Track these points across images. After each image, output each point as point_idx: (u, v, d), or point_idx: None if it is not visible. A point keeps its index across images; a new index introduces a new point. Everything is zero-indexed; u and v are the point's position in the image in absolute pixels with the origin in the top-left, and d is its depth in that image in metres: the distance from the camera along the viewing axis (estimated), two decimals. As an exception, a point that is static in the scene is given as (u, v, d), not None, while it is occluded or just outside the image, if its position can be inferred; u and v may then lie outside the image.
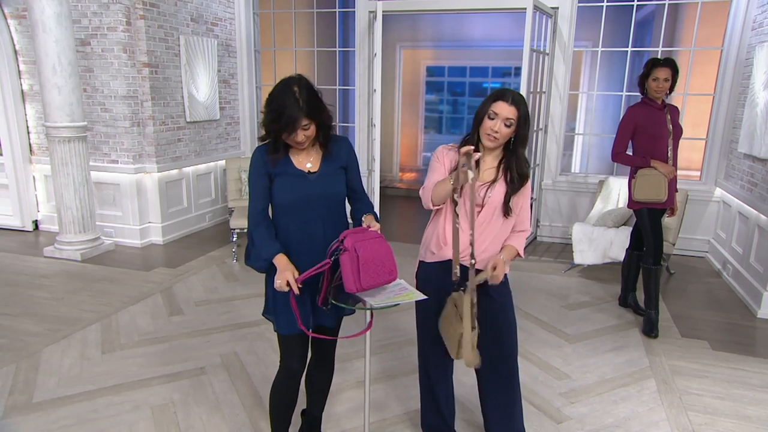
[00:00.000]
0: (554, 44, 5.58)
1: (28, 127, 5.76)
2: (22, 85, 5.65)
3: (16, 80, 5.60)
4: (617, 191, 5.23)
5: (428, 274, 2.27)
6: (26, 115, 5.73)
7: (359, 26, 6.10)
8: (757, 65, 4.55)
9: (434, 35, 9.25)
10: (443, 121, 11.80)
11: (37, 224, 6.03)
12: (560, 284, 4.70)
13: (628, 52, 5.59)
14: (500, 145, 2.13)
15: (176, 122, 5.66)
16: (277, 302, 2.10)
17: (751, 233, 4.42)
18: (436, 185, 2.09)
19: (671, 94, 3.79)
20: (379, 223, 2.11)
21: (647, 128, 3.64)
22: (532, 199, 5.69)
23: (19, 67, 5.61)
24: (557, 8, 5.46)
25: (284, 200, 2.05)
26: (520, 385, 2.35)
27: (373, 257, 1.87)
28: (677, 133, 3.68)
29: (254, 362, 3.29)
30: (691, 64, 5.40)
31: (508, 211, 2.15)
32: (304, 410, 2.53)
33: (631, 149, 3.80)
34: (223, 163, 6.29)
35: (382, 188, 6.96)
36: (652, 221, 3.71)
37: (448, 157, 2.17)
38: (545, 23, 5.50)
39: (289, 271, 1.96)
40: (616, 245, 4.56)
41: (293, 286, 1.93)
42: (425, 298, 2.00)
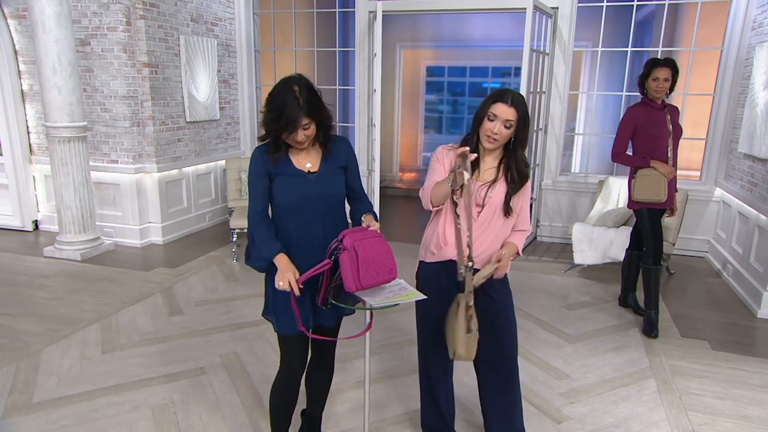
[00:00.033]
0: (554, 44, 5.58)
1: (28, 127, 5.76)
2: (22, 85, 5.65)
3: (16, 80, 5.60)
4: (617, 191, 5.23)
5: (428, 274, 2.27)
6: (26, 115, 5.73)
7: (359, 26, 6.10)
8: (757, 65, 4.55)
9: (434, 35, 9.25)
10: (443, 121, 11.80)
11: (37, 224, 6.03)
12: (560, 284, 4.70)
13: (628, 52, 5.59)
14: (500, 146, 2.13)
15: (176, 122, 5.66)
16: (277, 302, 2.09)
17: (751, 233, 4.42)
18: (435, 186, 2.09)
19: (671, 94, 3.79)
20: (378, 222, 2.11)
21: (647, 128, 3.64)
22: (532, 199, 5.69)
23: (19, 67, 5.61)
24: (557, 8, 5.46)
25: (284, 200, 2.05)
26: (520, 385, 2.35)
27: (372, 256, 1.86)
28: (677, 133, 3.68)
29: (254, 362, 3.29)
30: (691, 64, 5.40)
31: (508, 210, 2.15)
32: (304, 410, 2.53)
33: (631, 149, 3.80)
34: (223, 163, 6.29)
35: (382, 188, 6.97)
36: (651, 221, 3.71)
37: (447, 157, 2.16)
38: (545, 23, 5.50)
39: (290, 271, 1.95)
40: (616, 245, 4.56)
41: (294, 287, 1.93)
42: (425, 298, 2.00)
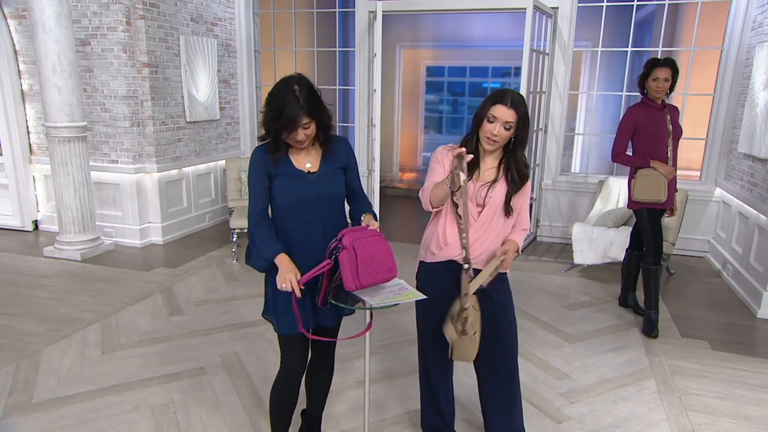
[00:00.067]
0: (554, 44, 5.58)
1: (28, 127, 5.76)
2: (22, 85, 5.65)
3: (16, 80, 5.60)
4: (617, 191, 5.23)
5: (428, 274, 2.27)
6: (26, 115, 5.73)
7: (359, 26, 6.10)
8: (757, 65, 4.55)
9: (434, 35, 9.25)
10: (443, 121, 11.80)
11: (37, 224, 6.03)
12: (560, 284, 4.70)
13: (628, 52, 5.59)
14: (500, 147, 2.13)
15: (176, 122, 5.66)
16: (277, 303, 2.09)
17: (751, 233, 4.42)
18: (434, 187, 2.09)
19: (671, 94, 3.79)
20: (377, 222, 2.11)
21: (647, 128, 3.64)
22: (532, 199, 5.70)
23: (19, 67, 5.61)
24: (557, 8, 5.46)
25: (284, 200, 2.05)
26: (520, 385, 2.34)
27: (371, 255, 1.86)
28: (677, 133, 3.68)
29: (254, 362, 3.29)
30: (691, 64, 5.40)
31: (509, 210, 2.15)
32: (304, 410, 2.53)
33: (631, 149, 3.80)
34: (223, 163, 6.29)
35: (382, 188, 6.97)
36: (651, 221, 3.71)
37: (447, 158, 2.16)
38: (545, 23, 5.50)
39: (291, 272, 1.95)
40: (616, 245, 4.56)
41: (295, 288, 1.92)
42: (425, 298, 1.99)
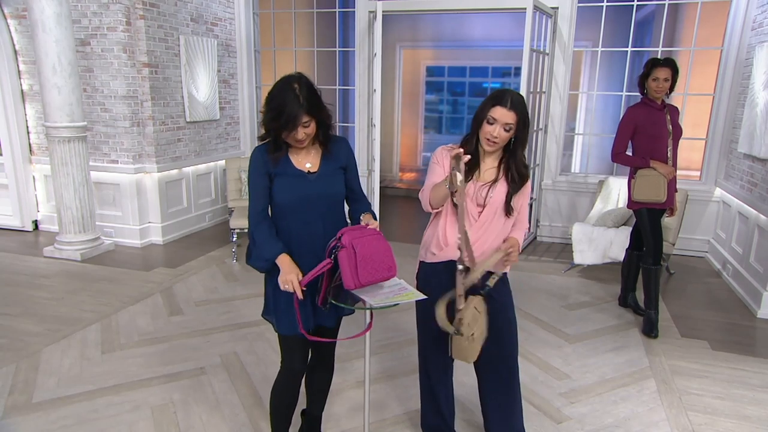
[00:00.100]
0: (554, 44, 5.58)
1: (27, 127, 5.76)
2: (22, 85, 5.65)
3: (16, 80, 5.60)
4: (617, 191, 5.23)
5: (429, 274, 2.27)
6: (26, 115, 5.73)
7: (359, 26, 6.10)
8: (757, 65, 4.55)
9: (434, 35, 9.25)
10: (443, 121, 11.80)
11: (36, 224, 6.03)
12: (560, 284, 4.70)
13: (628, 52, 5.59)
14: (500, 147, 2.14)
15: (176, 122, 5.66)
16: (277, 303, 2.09)
17: (750, 233, 4.42)
18: (433, 188, 2.09)
19: (671, 94, 3.79)
20: (376, 221, 2.10)
21: (647, 128, 3.64)
22: (532, 198, 5.70)
23: (19, 67, 5.61)
24: (557, 8, 5.46)
25: (284, 200, 2.04)
26: (520, 385, 2.35)
27: (370, 253, 1.86)
28: (677, 133, 3.68)
29: (254, 362, 3.29)
30: (691, 64, 5.40)
31: (509, 210, 2.15)
32: (304, 410, 2.53)
33: (630, 149, 3.80)
34: (223, 163, 6.29)
35: (382, 188, 6.96)
36: (651, 221, 3.71)
37: (446, 158, 2.16)
38: (545, 23, 5.50)
39: (293, 273, 1.94)
40: (615, 245, 4.56)
41: (297, 290, 1.92)
42: (425, 298, 2.00)
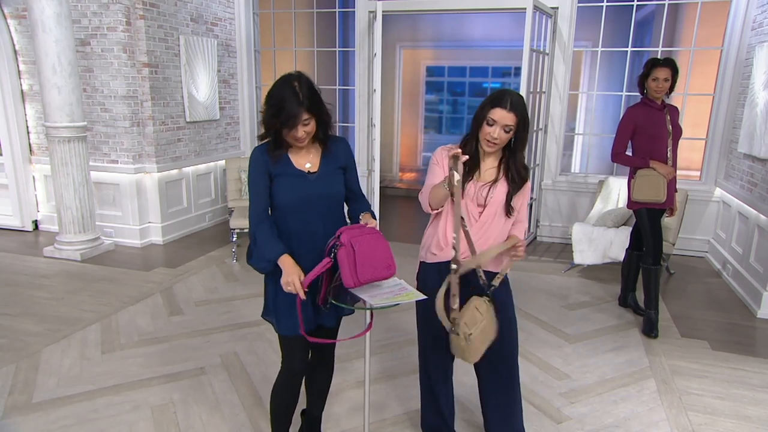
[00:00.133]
0: (554, 44, 5.58)
1: (27, 127, 5.76)
2: (21, 85, 5.65)
3: (16, 80, 5.60)
4: (617, 191, 5.23)
5: (429, 274, 2.27)
6: (26, 115, 5.73)
7: (359, 26, 6.10)
8: (756, 65, 4.55)
9: (434, 35, 9.25)
10: (443, 121, 11.81)
11: (36, 224, 6.03)
12: (560, 284, 4.70)
13: (628, 52, 5.59)
14: (500, 148, 2.14)
15: (176, 122, 5.66)
16: (278, 303, 2.09)
17: (750, 233, 4.42)
18: (432, 189, 2.08)
19: (671, 94, 3.79)
20: (376, 220, 2.10)
21: (647, 129, 3.64)
22: (531, 198, 5.70)
23: (18, 67, 5.61)
24: (557, 8, 5.46)
25: (285, 201, 2.04)
26: (520, 385, 2.35)
27: (369, 251, 1.86)
28: (677, 133, 3.68)
29: (254, 362, 3.29)
30: (691, 64, 5.40)
31: (510, 210, 2.15)
32: (303, 410, 2.53)
33: (630, 150, 3.80)
34: (223, 163, 6.29)
35: (382, 188, 6.96)
36: (651, 221, 3.71)
37: (446, 159, 2.15)
38: (545, 23, 5.50)
39: (295, 274, 1.93)
40: (615, 245, 4.56)
41: (299, 292, 1.92)
42: (425, 298, 1.99)
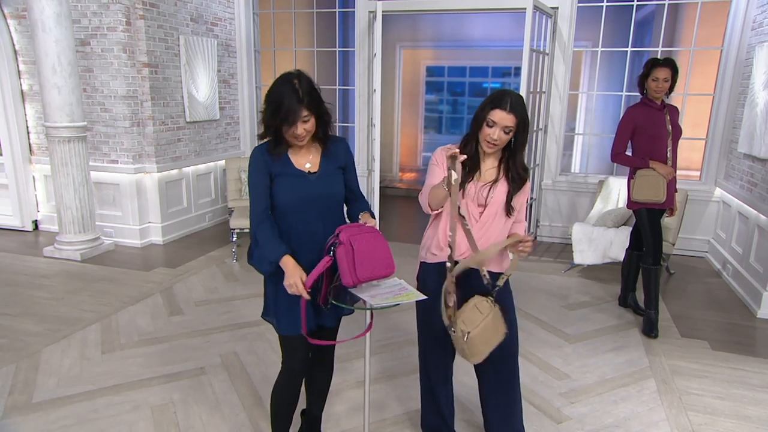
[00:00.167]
0: (554, 44, 5.58)
1: (27, 127, 5.76)
2: (21, 85, 5.65)
3: (15, 80, 5.60)
4: (617, 191, 5.23)
5: (429, 275, 2.27)
6: (26, 115, 5.73)
7: (359, 26, 6.10)
8: (756, 65, 4.55)
9: (434, 35, 9.25)
10: (443, 121, 11.81)
11: (36, 224, 6.03)
12: (560, 284, 4.70)
13: (627, 52, 5.58)
14: (500, 148, 2.14)
15: (176, 122, 5.66)
16: (278, 303, 2.09)
17: (750, 233, 4.42)
18: (431, 190, 2.08)
19: (671, 94, 3.79)
20: (375, 219, 2.10)
21: (646, 129, 3.64)
22: (531, 198, 5.70)
23: (18, 67, 5.61)
24: (557, 8, 5.46)
25: (285, 201, 2.04)
26: (520, 385, 2.34)
27: (368, 250, 1.85)
28: (676, 133, 3.68)
29: (254, 362, 3.29)
30: (691, 64, 5.40)
31: (510, 210, 2.16)
32: (303, 410, 2.53)
33: (630, 150, 3.80)
34: (222, 163, 6.29)
35: (382, 188, 6.96)
36: (651, 222, 3.71)
37: (446, 159, 2.16)
38: (545, 23, 5.50)
39: (298, 275, 1.93)
40: (615, 245, 4.56)
41: (303, 293, 1.91)
42: (425, 298, 1.99)
